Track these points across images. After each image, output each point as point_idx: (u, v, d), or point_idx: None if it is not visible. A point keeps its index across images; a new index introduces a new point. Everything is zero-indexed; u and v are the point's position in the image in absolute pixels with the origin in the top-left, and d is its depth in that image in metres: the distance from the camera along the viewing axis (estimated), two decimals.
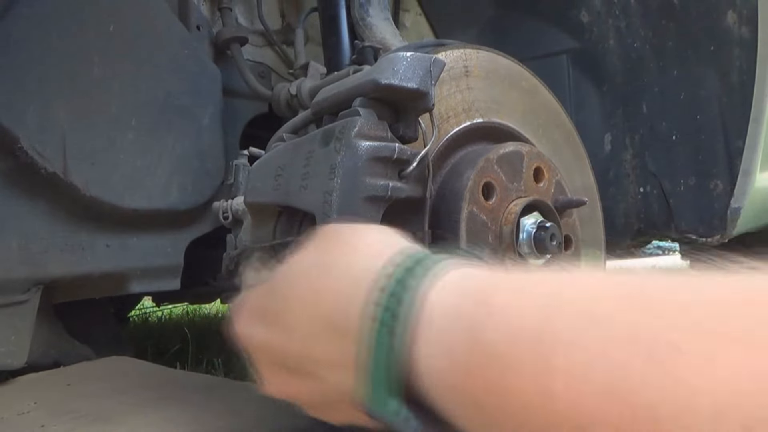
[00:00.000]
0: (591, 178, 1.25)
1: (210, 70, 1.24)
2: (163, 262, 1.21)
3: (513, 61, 1.09)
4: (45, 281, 1.07)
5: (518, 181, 0.94)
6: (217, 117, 1.24)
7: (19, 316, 1.05)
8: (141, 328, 2.81)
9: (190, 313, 3.32)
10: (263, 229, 0.84)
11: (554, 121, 1.16)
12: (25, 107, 0.98)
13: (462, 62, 0.99)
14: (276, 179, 0.78)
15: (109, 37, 1.08)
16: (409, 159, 0.72)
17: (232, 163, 1.11)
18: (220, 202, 1.00)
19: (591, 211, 1.22)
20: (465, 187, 0.87)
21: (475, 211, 0.88)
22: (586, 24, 1.66)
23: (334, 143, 0.70)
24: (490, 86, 1.03)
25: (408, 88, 0.70)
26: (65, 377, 1.17)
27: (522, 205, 0.91)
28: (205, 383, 1.11)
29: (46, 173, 1.00)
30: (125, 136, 1.10)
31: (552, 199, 0.98)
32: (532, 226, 0.91)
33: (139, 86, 1.12)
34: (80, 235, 1.09)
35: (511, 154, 0.94)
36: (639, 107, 1.66)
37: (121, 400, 1.00)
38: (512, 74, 1.08)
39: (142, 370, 1.25)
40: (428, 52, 0.84)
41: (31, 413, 0.96)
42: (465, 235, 0.86)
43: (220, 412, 0.92)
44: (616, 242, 1.71)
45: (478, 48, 1.02)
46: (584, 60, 1.69)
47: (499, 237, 0.90)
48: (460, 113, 0.97)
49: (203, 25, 1.30)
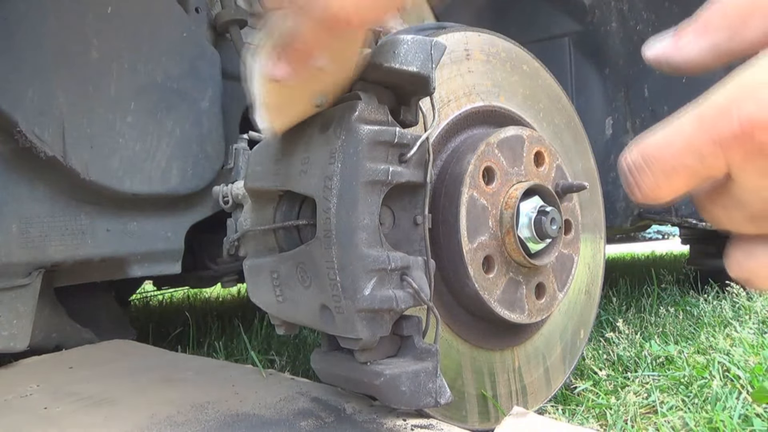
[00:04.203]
0: (592, 162, 1.25)
1: (209, 53, 1.24)
2: (164, 246, 1.21)
3: (514, 44, 1.08)
4: (46, 265, 1.07)
5: (519, 166, 0.94)
6: (216, 100, 1.24)
7: (20, 299, 1.06)
8: (142, 311, 2.83)
9: (191, 297, 3.34)
10: (263, 214, 0.84)
11: (555, 105, 1.15)
12: (23, 91, 0.98)
13: (463, 45, 0.98)
14: (276, 164, 0.78)
15: (107, 20, 1.07)
16: (409, 143, 0.72)
17: (231, 147, 1.11)
18: (220, 187, 1.00)
19: (591, 196, 1.22)
20: (465, 171, 0.87)
21: (476, 196, 0.88)
22: (588, 6, 1.64)
23: (333, 127, 0.69)
24: (491, 70, 1.02)
25: (409, 71, 0.69)
26: (67, 360, 1.18)
27: (522, 190, 0.91)
28: (206, 366, 1.12)
29: (45, 157, 1.00)
30: (124, 119, 1.10)
31: (552, 183, 0.98)
32: (532, 210, 0.91)
33: (137, 69, 1.12)
34: (80, 220, 1.09)
35: (511, 138, 0.93)
36: (641, 91, 1.65)
37: (122, 383, 1.01)
38: (513, 57, 1.07)
39: (144, 352, 1.26)
40: (429, 35, 0.83)
41: (33, 395, 0.96)
42: (465, 219, 0.86)
43: (222, 394, 0.92)
44: (617, 226, 1.71)
45: (479, 31, 1.02)
46: (586, 43, 1.68)
47: (500, 221, 0.90)
48: (461, 97, 0.96)
49: (202, 8, 1.29)
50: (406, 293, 0.71)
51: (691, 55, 0.36)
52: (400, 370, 0.71)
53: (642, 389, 1.13)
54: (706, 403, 1.03)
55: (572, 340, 1.15)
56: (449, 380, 0.85)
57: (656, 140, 0.31)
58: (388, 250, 0.71)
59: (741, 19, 0.33)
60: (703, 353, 1.32)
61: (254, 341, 1.67)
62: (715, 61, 0.35)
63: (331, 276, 0.69)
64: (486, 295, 0.87)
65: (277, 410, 0.84)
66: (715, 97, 0.29)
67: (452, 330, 0.91)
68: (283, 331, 0.86)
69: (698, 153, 0.29)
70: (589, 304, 1.20)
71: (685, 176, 0.30)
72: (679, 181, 0.30)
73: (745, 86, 0.28)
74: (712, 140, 0.28)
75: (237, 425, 0.79)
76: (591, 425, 1.01)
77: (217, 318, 2.08)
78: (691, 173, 0.30)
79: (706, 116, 0.29)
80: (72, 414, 0.87)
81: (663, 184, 0.31)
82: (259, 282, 0.83)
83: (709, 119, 0.29)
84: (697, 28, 0.36)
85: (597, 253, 1.23)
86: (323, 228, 0.68)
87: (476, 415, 0.93)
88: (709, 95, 0.29)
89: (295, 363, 1.44)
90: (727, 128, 0.28)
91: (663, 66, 0.37)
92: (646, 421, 1.00)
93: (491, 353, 0.97)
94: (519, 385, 1.01)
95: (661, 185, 0.31)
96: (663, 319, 1.72)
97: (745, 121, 0.27)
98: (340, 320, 0.70)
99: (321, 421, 0.79)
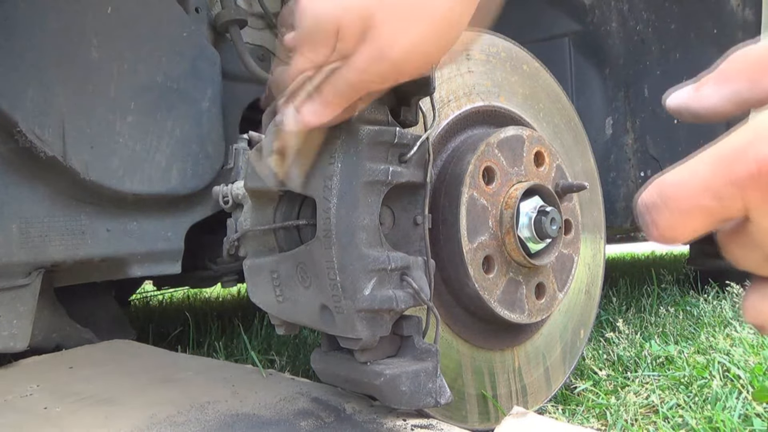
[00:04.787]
0: (592, 162, 1.25)
1: (209, 53, 1.23)
2: (164, 246, 1.21)
3: (514, 44, 1.08)
4: (46, 265, 1.07)
5: (519, 166, 0.94)
6: (216, 100, 1.24)
7: (20, 299, 1.06)
8: (142, 311, 2.82)
9: (191, 297, 3.34)
10: (263, 214, 0.84)
11: (555, 105, 1.15)
12: (23, 90, 0.98)
13: (463, 45, 0.98)
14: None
15: (107, 20, 1.07)
16: (409, 143, 0.72)
17: (231, 147, 1.11)
18: (220, 187, 1.00)
19: (591, 196, 1.22)
20: (465, 171, 0.87)
21: (476, 196, 0.88)
22: (588, 6, 1.64)
23: (333, 127, 0.69)
24: (491, 70, 1.02)
25: None
26: (67, 360, 1.18)
27: (522, 190, 0.91)
28: (206, 366, 1.12)
29: (45, 157, 1.00)
30: (124, 119, 1.10)
31: (552, 183, 0.98)
32: (532, 210, 0.91)
33: (137, 69, 1.12)
34: (80, 220, 1.09)
35: (511, 138, 0.93)
36: (641, 91, 1.65)
37: (122, 383, 1.01)
38: (513, 57, 1.07)
39: (144, 352, 1.26)
40: None
41: (33, 395, 0.96)
42: (465, 219, 0.86)
43: (222, 394, 0.92)
44: (617, 226, 1.71)
45: (479, 31, 1.02)
46: (586, 43, 1.68)
47: (500, 221, 0.90)
48: (461, 97, 0.96)
49: (202, 8, 1.29)
50: (406, 293, 0.71)
51: (712, 103, 0.36)
52: (400, 370, 0.71)
53: (642, 389, 1.13)
54: (706, 402, 1.03)
55: (572, 340, 1.15)
56: (449, 380, 0.85)
57: (674, 179, 0.31)
58: (388, 250, 0.71)
59: (761, 69, 0.34)
60: (703, 353, 1.32)
61: (254, 341, 1.67)
62: (735, 110, 0.36)
63: (331, 276, 0.69)
64: (486, 295, 0.87)
65: (277, 410, 0.84)
66: (733, 138, 0.29)
67: (452, 330, 0.91)
68: (283, 331, 0.86)
69: (716, 194, 0.29)
70: (589, 304, 1.20)
71: (703, 217, 0.30)
72: (697, 221, 0.30)
73: (763, 129, 0.28)
74: (730, 181, 0.28)
75: (237, 425, 0.79)
76: (591, 425, 1.01)
77: (217, 318, 2.08)
78: (708, 214, 0.30)
79: (724, 157, 0.29)
80: (72, 414, 0.87)
81: (680, 224, 0.31)
82: (259, 282, 0.83)
83: (726, 160, 0.29)
84: (718, 78, 0.36)
85: (597, 253, 1.23)
86: (323, 228, 0.68)
87: (476, 415, 0.93)
88: (726, 137, 0.29)
89: (295, 363, 1.44)
90: (745, 169, 0.28)
91: (684, 115, 0.38)
92: (647, 420, 1.00)
93: (491, 353, 0.97)
94: (519, 385, 1.01)
95: (679, 225, 0.31)
96: (663, 319, 1.72)
97: (762, 162, 0.27)
98: (340, 320, 0.70)
99: (321, 421, 0.79)
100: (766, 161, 0.27)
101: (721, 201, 0.29)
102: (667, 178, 0.31)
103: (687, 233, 0.31)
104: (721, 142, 0.29)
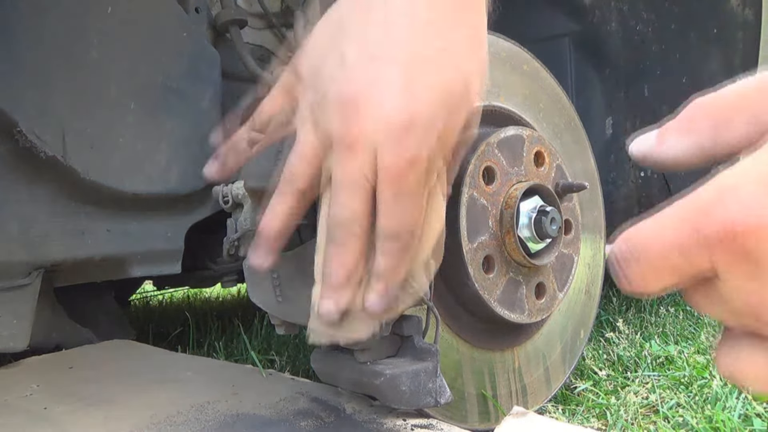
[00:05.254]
0: (592, 162, 1.25)
1: (209, 53, 1.23)
2: (164, 246, 1.21)
3: (514, 44, 1.08)
4: (46, 265, 1.07)
5: (519, 166, 0.94)
6: (216, 100, 1.24)
7: (20, 299, 1.06)
8: (142, 311, 2.82)
9: (191, 297, 3.34)
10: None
11: (555, 105, 1.15)
12: (23, 90, 0.97)
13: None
14: (276, 163, 0.78)
15: (107, 19, 1.07)
16: None
17: None
18: (220, 186, 1.00)
19: (591, 196, 1.22)
20: (465, 171, 0.87)
21: (476, 195, 0.88)
22: (588, 6, 1.65)
23: None
24: (491, 69, 1.02)
25: None
26: (67, 360, 1.18)
27: (522, 190, 0.91)
28: (206, 366, 1.12)
29: (45, 157, 1.00)
30: (124, 119, 1.10)
31: (552, 183, 0.98)
32: (532, 210, 0.91)
33: (137, 69, 1.11)
34: (80, 219, 1.09)
35: (511, 138, 0.93)
36: (641, 90, 1.65)
37: (122, 383, 1.01)
38: (513, 57, 1.07)
39: (144, 352, 1.26)
40: None
41: (33, 396, 0.96)
42: (465, 219, 0.86)
43: (222, 394, 0.92)
44: (617, 226, 1.71)
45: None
46: (586, 43, 1.68)
47: (500, 221, 0.90)
48: None
49: (202, 8, 1.29)
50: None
51: (675, 154, 0.35)
52: (400, 369, 0.71)
53: (642, 389, 1.13)
54: (706, 402, 1.03)
55: (572, 340, 1.15)
56: (449, 380, 0.85)
57: (644, 233, 0.30)
58: None
59: (724, 121, 0.33)
60: (703, 353, 1.32)
61: (254, 341, 1.67)
62: (700, 161, 0.35)
63: None
64: (486, 295, 0.87)
65: (277, 410, 0.84)
66: (699, 196, 0.28)
67: (452, 330, 0.91)
68: (283, 331, 0.86)
69: (684, 253, 0.28)
70: (589, 304, 1.20)
71: (673, 273, 0.29)
72: (667, 277, 0.30)
73: (728, 188, 0.27)
74: (697, 242, 0.28)
75: (237, 425, 0.79)
76: (591, 425, 1.01)
77: (217, 318, 2.08)
78: (678, 271, 0.29)
79: (690, 217, 0.28)
80: (72, 414, 0.87)
81: (651, 278, 0.30)
82: (259, 282, 0.83)
83: (692, 220, 0.28)
84: (680, 127, 0.35)
85: (597, 253, 1.23)
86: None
87: (476, 414, 0.93)
88: (693, 192, 0.29)
89: (295, 363, 1.44)
90: (712, 231, 0.27)
91: (648, 163, 0.37)
92: (647, 420, 1.00)
93: (491, 353, 0.97)
94: (519, 385, 1.01)
95: (650, 279, 0.30)
96: (663, 319, 1.72)
97: (728, 224, 0.26)
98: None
99: (321, 421, 0.79)
100: (731, 223, 0.26)
101: (689, 259, 0.28)
102: (638, 232, 0.30)
103: (659, 287, 0.31)
104: (688, 199, 0.29)
